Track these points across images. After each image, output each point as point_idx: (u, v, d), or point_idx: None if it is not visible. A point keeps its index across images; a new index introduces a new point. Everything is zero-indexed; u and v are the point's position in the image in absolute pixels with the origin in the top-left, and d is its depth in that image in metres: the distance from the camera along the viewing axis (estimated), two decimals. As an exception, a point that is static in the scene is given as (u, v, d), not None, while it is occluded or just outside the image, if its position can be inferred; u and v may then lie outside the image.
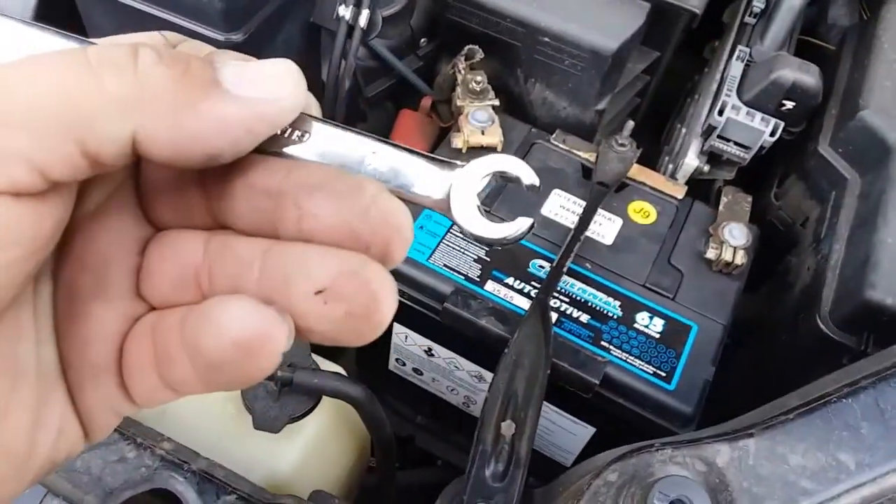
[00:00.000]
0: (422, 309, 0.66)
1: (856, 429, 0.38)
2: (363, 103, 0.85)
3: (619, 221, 0.70)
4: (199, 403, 0.57)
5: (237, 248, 0.23)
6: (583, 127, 0.80)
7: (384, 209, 0.22)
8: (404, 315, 0.68)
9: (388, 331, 0.73)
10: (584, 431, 0.68)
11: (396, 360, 0.78)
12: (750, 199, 0.72)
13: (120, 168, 0.21)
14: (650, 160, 0.81)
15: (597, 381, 0.60)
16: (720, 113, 0.71)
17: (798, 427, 0.39)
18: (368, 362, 0.83)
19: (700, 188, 0.78)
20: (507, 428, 0.55)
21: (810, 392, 0.42)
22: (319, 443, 0.57)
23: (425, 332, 0.70)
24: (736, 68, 0.73)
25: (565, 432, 0.69)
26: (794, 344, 0.63)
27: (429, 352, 0.72)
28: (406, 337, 0.73)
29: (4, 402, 0.21)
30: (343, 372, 0.60)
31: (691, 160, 0.75)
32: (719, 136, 0.72)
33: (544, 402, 0.67)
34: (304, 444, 0.56)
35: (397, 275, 0.65)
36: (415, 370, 0.77)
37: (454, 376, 0.73)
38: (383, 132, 0.84)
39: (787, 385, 0.65)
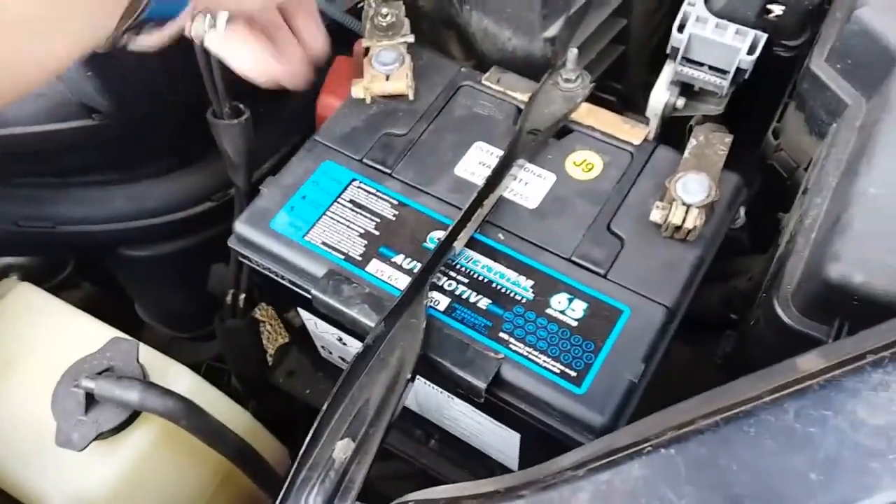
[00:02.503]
0: (303, 293, 0.55)
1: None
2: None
3: (551, 178, 0.56)
4: (20, 412, 0.50)
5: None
6: (534, 61, 0.65)
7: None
8: (303, 301, 0.58)
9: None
10: (511, 435, 0.55)
11: (322, 347, 0.68)
12: (729, 139, 0.55)
13: None
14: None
15: (483, 385, 0.47)
16: (681, 28, 0.54)
17: (585, 491, 0.25)
18: (307, 352, 0.74)
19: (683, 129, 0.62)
20: (343, 449, 0.43)
21: (660, 423, 0.28)
22: (147, 462, 0.48)
23: (326, 319, 0.60)
24: (706, -33, 0.55)
25: (494, 435, 0.57)
26: (759, 334, 0.47)
27: (341, 341, 0.62)
28: (316, 324, 0.63)
29: None
30: (188, 377, 0.51)
31: (659, 93, 0.59)
32: (686, 59, 0.56)
33: (464, 402, 0.56)
34: (122, 464, 0.47)
35: (271, 255, 0.55)
36: (341, 358, 0.67)
37: (376, 368, 0.62)
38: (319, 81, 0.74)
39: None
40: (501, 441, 0.57)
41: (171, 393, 0.46)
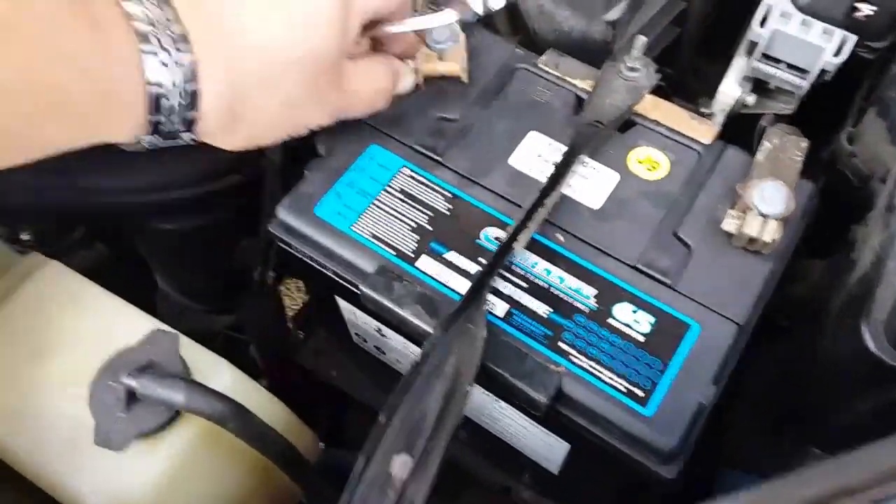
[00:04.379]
0: (349, 287, 0.52)
1: None
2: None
3: (615, 177, 0.53)
4: (54, 405, 0.48)
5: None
6: (591, 44, 0.61)
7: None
8: (344, 291, 0.55)
9: (336, 301, 0.61)
10: (559, 444, 0.53)
11: (356, 335, 0.65)
12: (805, 144, 0.52)
13: None
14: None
15: (545, 399, 0.45)
16: (762, 23, 0.51)
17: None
18: (334, 333, 0.71)
19: (750, 128, 0.59)
20: (402, 466, 0.41)
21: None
22: (187, 461, 0.46)
23: (368, 311, 0.57)
24: (793, -42, 0.52)
25: (539, 440, 0.55)
26: (835, 356, 0.45)
27: (380, 332, 0.60)
28: (354, 314, 0.60)
29: None
30: (228, 372, 0.48)
31: (729, 88, 0.55)
32: (765, 56, 0.52)
33: (514, 408, 0.54)
34: (162, 464, 0.45)
35: (316, 245, 0.52)
36: (376, 348, 0.64)
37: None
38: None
39: (819, 409, 0.48)
40: (546, 447, 0.55)
41: (217, 394, 0.44)
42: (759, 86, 0.55)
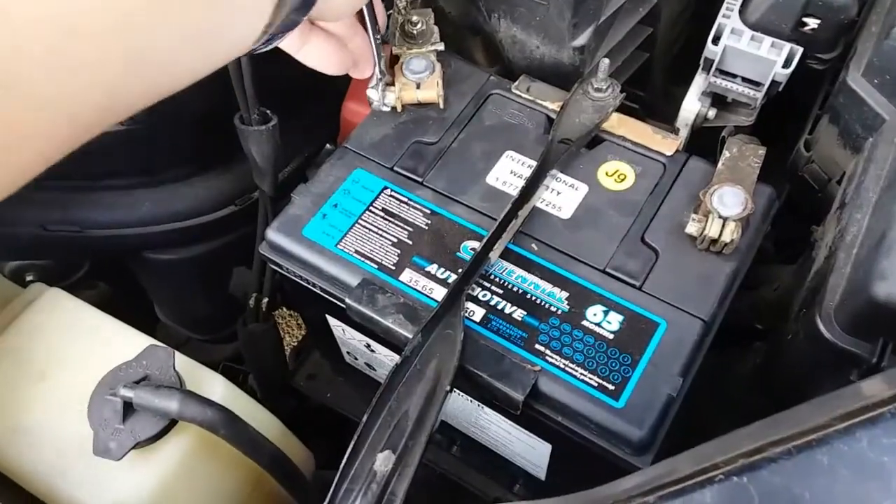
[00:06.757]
0: (336, 302, 0.55)
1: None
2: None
3: (583, 188, 0.56)
4: (55, 422, 0.50)
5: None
6: (563, 69, 0.65)
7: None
8: (333, 308, 0.58)
9: (327, 321, 0.63)
10: (542, 446, 0.55)
11: (347, 353, 0.68)
12: (763, 151, 0.55)
13: None
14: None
15: (521, 397, 0.47)
16: (715, 41, 0.54)
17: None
18: (327, 356, 0.74)
19: (713, 140, 0.62)
20: (384, 461, 0.43)
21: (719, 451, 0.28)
22: (183, 470, 0.48)
23: (356, 327, 0.60)
24: (742, -21, 0.55)
25: (524, 444, 0.57)
26: (798, 349, 0.47)
27: (369, 347, 0.62)
28: (344, 331, 0.62)
29: None
30: (222, 384, 0.51)
31: (690, 104, 0.59)
32: (720, 71, 0.56)
33: (496, 412, 0.56)
34: (158, 473, 0.47)
35: (304, 263, 0.55)
36: (367, 364, 0.67)
37: (403, 375, 0.62)
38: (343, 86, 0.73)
39: (788, 406, 0.50)
40: (531, 451, 0.57)
41: (209, 402, 0.46)
42: (718, 100, 0.58)
